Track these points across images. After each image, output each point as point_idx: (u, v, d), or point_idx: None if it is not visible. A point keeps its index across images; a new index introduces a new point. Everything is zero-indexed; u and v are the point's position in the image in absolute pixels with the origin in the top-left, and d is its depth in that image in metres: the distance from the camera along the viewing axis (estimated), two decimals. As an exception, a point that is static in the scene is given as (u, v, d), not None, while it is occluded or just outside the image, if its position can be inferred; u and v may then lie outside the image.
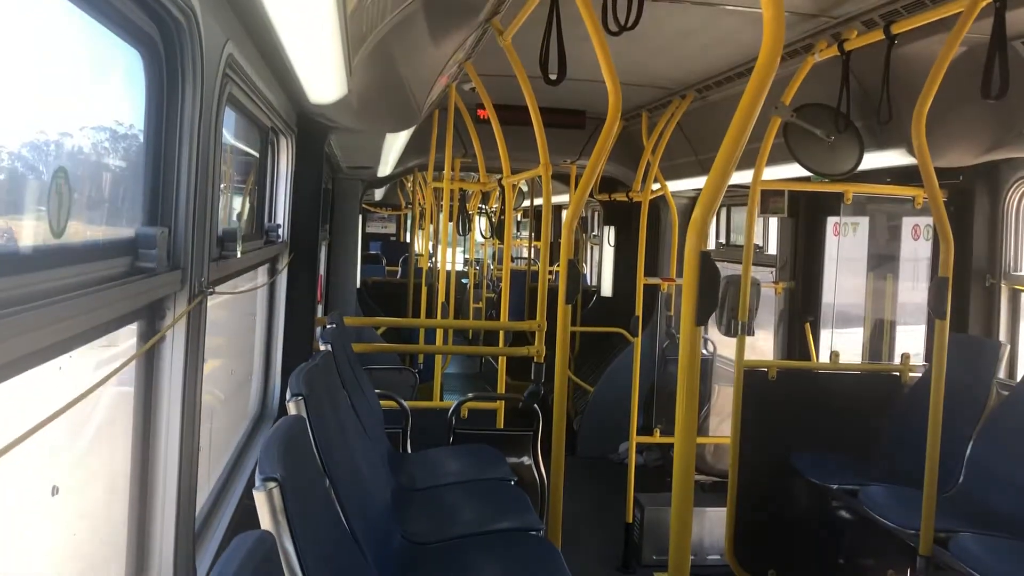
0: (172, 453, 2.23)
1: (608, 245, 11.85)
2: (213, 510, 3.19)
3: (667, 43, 5.22)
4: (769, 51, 2.36)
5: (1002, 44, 3.54)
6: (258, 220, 4.29)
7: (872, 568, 5.33)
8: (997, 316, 5.38)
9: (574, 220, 4.16)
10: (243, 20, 2.65)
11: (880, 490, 4.57)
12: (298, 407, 2.80)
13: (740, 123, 2.40)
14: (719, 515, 5.79)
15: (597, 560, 6.35)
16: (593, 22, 3.43)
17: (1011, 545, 3.96)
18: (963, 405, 4.72)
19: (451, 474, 4.35)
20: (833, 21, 4.38)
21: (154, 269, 2.04)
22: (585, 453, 8.87)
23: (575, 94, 7.02)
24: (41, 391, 1.60)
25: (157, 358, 2.24)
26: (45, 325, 1.47)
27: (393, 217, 20.26)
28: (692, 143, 7.45)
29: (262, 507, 1.90)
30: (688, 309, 2.44)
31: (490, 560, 3.38)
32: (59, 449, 1.83)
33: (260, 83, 3.19)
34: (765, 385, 5.28)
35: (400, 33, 3.56)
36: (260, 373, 4.71)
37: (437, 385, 7.51)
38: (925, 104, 3.98)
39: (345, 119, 4.54)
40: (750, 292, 4.99)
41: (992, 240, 5.41)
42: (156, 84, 2.11)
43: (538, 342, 5.23)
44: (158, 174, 2.15)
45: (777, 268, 7.46)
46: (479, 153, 6.90)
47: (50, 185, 1.55)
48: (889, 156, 4.95)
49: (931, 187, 4.12)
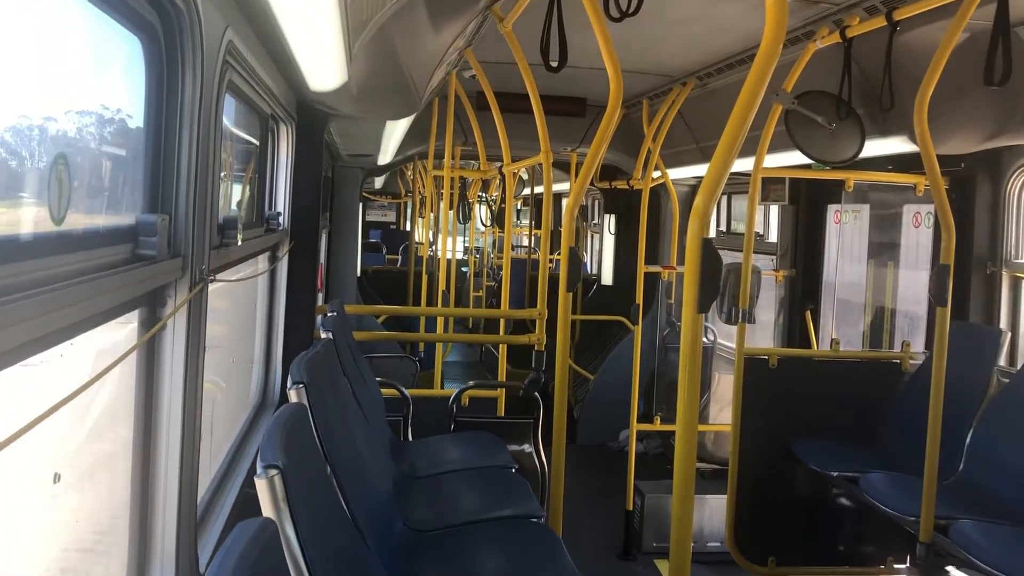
0: (174, 441, 2.23)
1: (609, 233, 11.83)
2: (215, 498, 3.20)
3: (668, 30, 5.20)
4: (771, 38, 2.35)
5: (1005, 30, 3.53)
6: (258, 208, 4.28)
7: (872, 555, 5.35)
8: (998, 303, 5.38)
9: (575, 208, 4.15)
10: (243, 6, 2.64)
11: (880, 477, 4.58)
12: (299, 395, 2.80)
13: (741, 111, 2.39)
14: (719, 503, 5.80)
15: (598, 547, 6.36)
16: (594, 8, 3.41)
17: (1011, 532, 3.96)
18: (963, 392, 4.72)
19: (452, 462, 4.36)
20: (835, 8, 4.36)
21: (155, 257, 2.04)
22: (586, 441, 8.89)
23: (576, 81, 7.01)
24: (43, 377, 1.60)
25: (158, 346, 2.24)
26: (46, 313, 1.46)
27: (393, 205, 20.24)
28: (693, 131, 7.43)
29: (264, 494, 1.90)
30: (690, 297, 2.43)
31: (491, 547, 3.39)
32: (61, 437, 1.83)
33: (260, 70, 3.18)
34: (766, 373, 5.28)
35: (400, 20, 3.54)
36: (261, 361, 4.72)
37: (438, 373, 7.52)
38: (927, 91, 3.97)
39: (345, 106, 4.53)
40: (751, 280, 4.98)
41: (993, 227, 5.41)
42: (156, 71, 2.10)
43: (539, 330, 5.23)
44: (158, 161, 2.14)
45: (778, 256, 7.45)
46: (479, 141, 6.89)
47: (50, 172, 1.55)
48: (891, 143, 4.94)
49: (933, 174, 4.11)
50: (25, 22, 1.53)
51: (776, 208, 7.62)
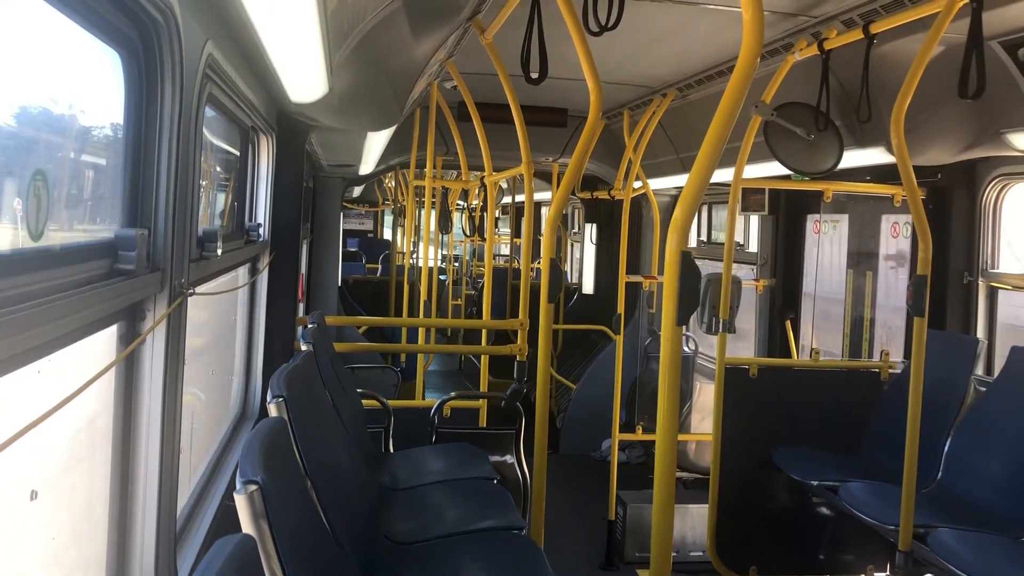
0: (153, 455, 2.22)
1: (590, 243, 11.87)
2: (194, 511, 3.18)
3: (648, 42, 5.23)
4: (749, 50, 2.37)
5: (979, 44, 3.58)
6: (238, 219, 4.26)
7: (852, 563, 5.38)
8: (975, 313, 5.43)
9: (556, 219, 4.16)
10: (223, 20, 2.64)
11: (860, 486, 4.60)
12: (279, 409, 2.78)
13: (721, 122, 2.41)
14: (701, 512, 5.81)
15: (580, 558, 6.36)
16: (574, 22, 3.43)
17: (988, 540, 4.00)
18: (941, 402, 4.76)
19: (434, 473, 4.35)
20: (813, 20, 4.41)
21: (133, 271, 2.03)
22: (568, 451, 8.89)
23: (557, 92, 7.03)
24: (19, 392, 1.59)
25: (137, 360, 2.23)
26: (24, 330, 1.45)
27: (371, 214, 20.19)
28: (673, 141, 7.47)
29: (243, 510, 1.89)
30: (669, 309, 2.45)
31: (473, 559, 3.38)
32: (38, 453, 1.81)
33: (240, 83, 3.17)
34: (746, 382, 5.30)
35: (382, 31, 3.55)
36: (241, 373, 4.69)
37: (419, 384, 7.50)
38: (904, 103, 4.01)
39: (326, 118, 4.52)
40: (731, 290, 5.01)
41: (969, 238, 5.46)
42: (135, 85, 2.09)
43: (520, 340, 5.23)
44: (137, 175, 2.13)
45: (758, 266, 7.49)
46: (461, 151, 6.89)
47: (28, 188, 1.54)
48: (868, 154, 4.99)
49: (910, 185, 4.16)
50: (3, 37, 1.52)
51: (756, 218, 7.66)
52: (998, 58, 4.09)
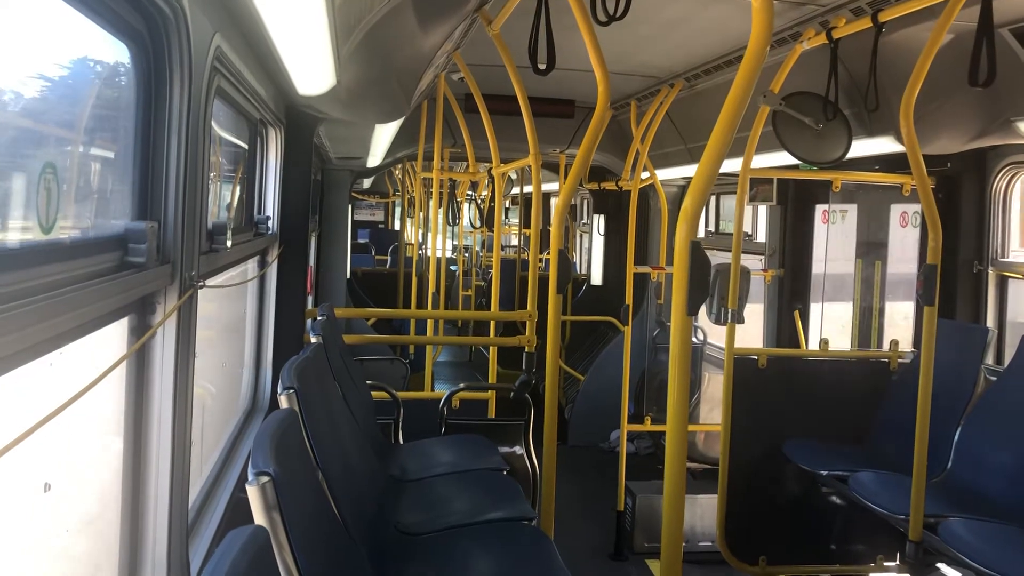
0: (164, 448, 2.23)
1: (598, 234, 11.85)
2: (206, 503, 3.19)
3: (656, 32, 5.21)
4: (758, 40, 2.36)
5: (989, 31, 3.55)
6: (247, 212, 4.27)
7: (862, 554, 5.37)
8: (985, 302, 5.41)
9: (564, 210, 4.16)
10: (231, 13, 2.64)
11: (870, 476, 4.60)
12: (290, 400, 2.80)
13: (729, 112, 2.40)
14: (710, 502, 5.81)
15: (589, 548, 6.37)
16: (582, 12, 3.42)
17: (1000, 529, 3.99)
18: (951, 391, 4.75)
19: (443, 464, 4.36)
20: (821, 9, 4.39)
21: (144, 264, 2.03)
22: (576, 442, 8.90)
23: (564, 83, 7.02)
24: (32, 385, 1.60)
25: (148, 353, 2.24)
26: (35, 322, 1.46)
27: (381, 205, 20.21)
28: (681, 132, 7.45)
29: (255, 501, 1.90)
30: (679, 299, 2.44)
31: (483, 550, 3.39)
32: (51, 445, 1.82)
33: (249, 76, 3.17)
34: (755, 372, 5.30)
35: (389, 24, 3.54)
36: (251, 365, 4.71)
37: (428, 375, 7.52)
38: (913, 92, 3.99)
39: (334, 110, 4.52)
40: (740, 280, 4.99)
41: (979, 227, 5.44)
42: (144, 78, 2.10)
43: (529, 331, 5.23)
44: (147, 168, 2.14)
45: (766, 256, 7.48)
46: (468, 143, 6.89)
47: (38, 180, 1.54)
48: (877, 144, 4.96)
49: (919, 174, 4.14)
50: (12, 30, 1.52)
51: (764, 208, 7.64)
52: (1008, 45, 4.06)
